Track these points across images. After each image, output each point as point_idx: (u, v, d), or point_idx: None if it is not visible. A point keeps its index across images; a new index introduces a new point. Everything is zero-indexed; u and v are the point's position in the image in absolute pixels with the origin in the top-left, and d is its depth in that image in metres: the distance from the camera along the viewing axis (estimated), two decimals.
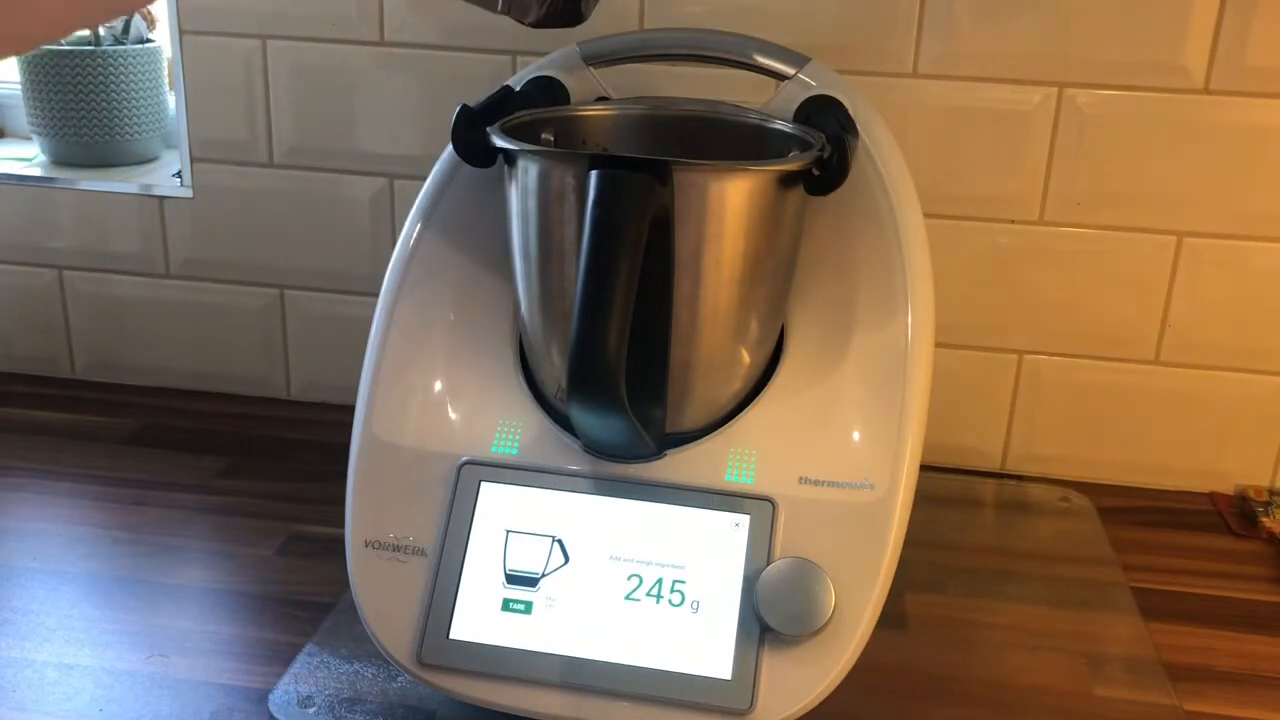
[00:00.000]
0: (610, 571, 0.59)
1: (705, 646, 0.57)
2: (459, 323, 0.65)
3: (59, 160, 1.07)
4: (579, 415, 0.56)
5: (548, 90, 0.68)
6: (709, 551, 0.59)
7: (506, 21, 0.87)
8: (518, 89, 0.66)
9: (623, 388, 0.52)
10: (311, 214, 0.96)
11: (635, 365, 0.53)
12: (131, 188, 0.99)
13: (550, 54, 0.70)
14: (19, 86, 1.07)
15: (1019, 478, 0.92)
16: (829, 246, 0.63)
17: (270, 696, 0.63)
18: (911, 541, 0.59)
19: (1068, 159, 0.85)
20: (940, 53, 0.84)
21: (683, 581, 0.58)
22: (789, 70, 0.66)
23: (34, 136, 1.08)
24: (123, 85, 1.05)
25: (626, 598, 0.58)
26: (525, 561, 0.60)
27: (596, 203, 0.51)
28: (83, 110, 1.04)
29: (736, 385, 0.62)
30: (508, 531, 0.60)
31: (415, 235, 0.65)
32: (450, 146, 0.63)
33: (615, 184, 0.51)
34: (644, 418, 0.57)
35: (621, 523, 0.60)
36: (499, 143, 0.58)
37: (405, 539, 0.61)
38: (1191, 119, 0.83)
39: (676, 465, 0.61)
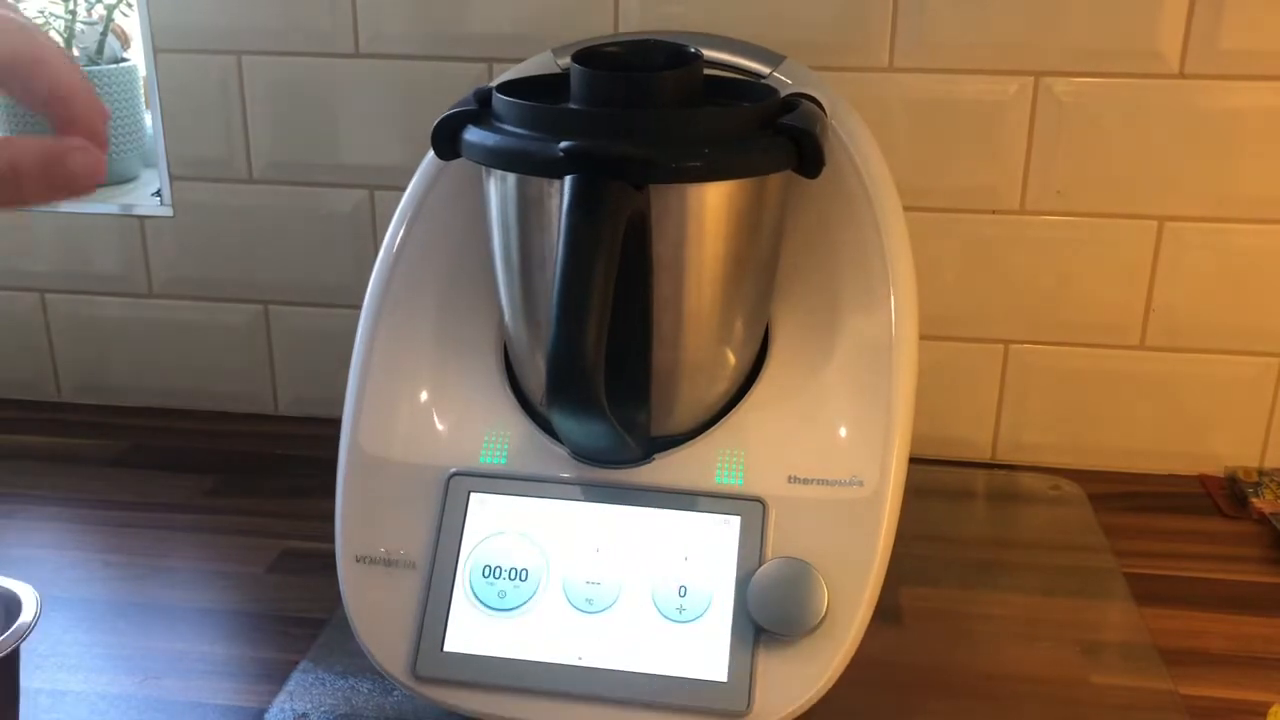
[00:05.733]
0: (603, 577, 0.59)
1: (700, 649, 0.57)
2: (443, 332, 0.65)
3: None
4: (561, 422, 0.56)
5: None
6: (701, 554, 0.58)
7: (482, 28, 0.88)
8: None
9: (602, 393, 0.51)
10: (293, 228, 0.95)
11: (616, 370, 0.52)
12: (111, 208, 0.99)
13: (525, 60, 0.69)
14: None
15: (1009, 467, 0.92)
16: (811, 244, 0.63)
17: (266, 715, 0.63)
18: (904, 535, 0.59)
19: (1047, 147, 0.85)
20: (915, 46, 0.84)
21: (675, 585, 0.58)
22: (764, 69, 0.66)
23: None
24: None
25: (620, 603, 0.58)
26: (517, 570, 0.59)
27: (571, 209, 0.50)
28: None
29: (722, 386, 0.62)
30: (499, 541, 0.60)
31: (396, 246, 0.65)
32: (429, 156, 0.63)
33: (590, 190, 0.51)
34: (627, 422, 0.56)
35: (612, 528, 0.60)
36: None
37: (396, 552, 0.61)
38: (1168, 104, 0.83)
39: (665, 469, 0.60)
